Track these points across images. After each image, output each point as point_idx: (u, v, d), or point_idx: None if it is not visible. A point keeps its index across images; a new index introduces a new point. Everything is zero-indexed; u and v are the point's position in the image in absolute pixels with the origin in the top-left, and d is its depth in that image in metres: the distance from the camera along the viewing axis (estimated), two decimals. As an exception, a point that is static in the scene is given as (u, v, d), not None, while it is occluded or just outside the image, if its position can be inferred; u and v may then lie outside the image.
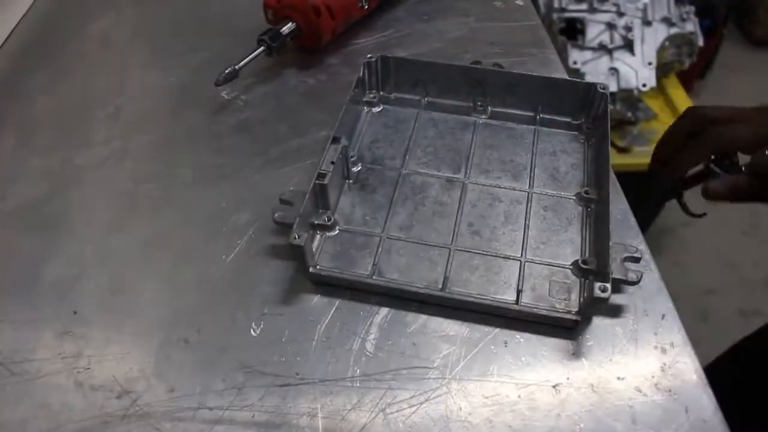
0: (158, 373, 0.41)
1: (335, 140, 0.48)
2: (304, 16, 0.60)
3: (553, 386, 0.40)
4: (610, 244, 0.42)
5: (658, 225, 1.57)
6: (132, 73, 0.64)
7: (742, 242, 1.64)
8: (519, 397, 0.39)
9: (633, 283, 0.42)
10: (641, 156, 1.35)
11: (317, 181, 0.45)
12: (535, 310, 0.42)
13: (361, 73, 0.55)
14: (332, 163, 0.46)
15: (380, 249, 0.46)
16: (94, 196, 0.52)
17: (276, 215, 0.45)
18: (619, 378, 0.40)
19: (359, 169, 0.52)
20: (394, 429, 0.38)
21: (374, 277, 0.44)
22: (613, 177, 0.49)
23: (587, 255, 0.46)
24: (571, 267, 0.45)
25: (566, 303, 0.43)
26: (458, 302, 0.43)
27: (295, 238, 0.42)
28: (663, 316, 0.43)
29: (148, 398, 0.39)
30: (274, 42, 0.59)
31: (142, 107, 0.60)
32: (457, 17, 0.69)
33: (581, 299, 0.43)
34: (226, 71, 0.57)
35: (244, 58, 0.58)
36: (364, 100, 0.57)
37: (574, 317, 0.42)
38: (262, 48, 0.59)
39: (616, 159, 1.29)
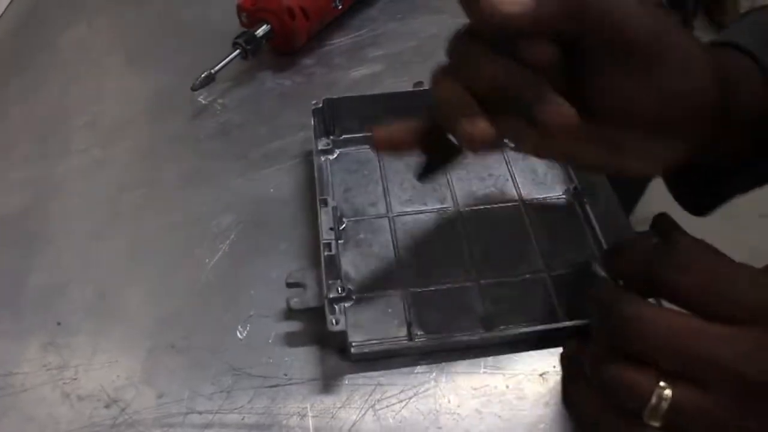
0: (146, 380, 0.40)
1: (323, 203, 0.45)
2: (278, 18, 0.60)
3: (540, 375, 0.40)
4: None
5: (637, 214, 1.59)
6: (108, 80, 0.64)
7: (720, 227, 1.66)
8: (507, 387, 0.40)
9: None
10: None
11: (326, 253, 0.42)
12: (587, 320, 0.40)
13: (313, 122, 0.52)
14: (331, 228, 0.44)
15: (407, 306, 0.43)
16: (76, 205, 0.51)
17: (292, 302, 0.41)
18: (604, 364, 0.41)
19: (344, 225, 0.48)
20: (384, 424, 0.38)
21: (416, 340, 0.41)
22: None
23: (605, 249, 0.46)
24: (593, 266, 0.45)
25: None
26: (512, 337, 0.41)
27: (334, 323, 0.39)
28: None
29: (136, 406, 0.39)
30: (249, 45, 0.59)
31: (120, 114, 0.60)
32: (431, 15, 0.69)
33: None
34: (202, 75, 0.57)
35: (219, 62, 0.58)
36: (319, 149, 0.52)
37: None
38: (237, 51, 0.59)
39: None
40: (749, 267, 0.32)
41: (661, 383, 0.30)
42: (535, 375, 0.40)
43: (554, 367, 0.40)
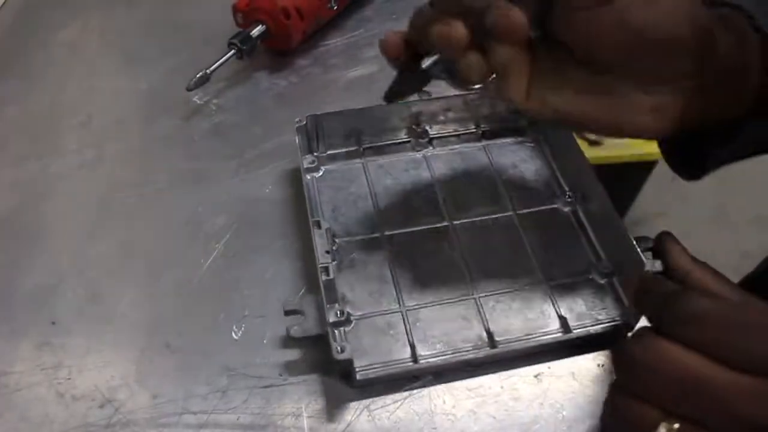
0: (141, 380, 0.40)
1: (317, 224, 0.44)
2: (273, 18, 0.60)
3: (535, 376, 0.40)
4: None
5: (631, 216, 1.59)
6: (102, 80, 0.63)
7: (711, 230, 1.67)
8: (501, 388, 0.40)
9: (663, 273, 0.41)
10: (613, 148, 1.36)
11: (324, 277, 0.41)
12: (590, 330, 0.41)
13: (297, 140, 0.50)
14: (327, 252, 0.42)
15: (407, 326, 0.42)
16: (69, 205, 0.51)
17: (292, 330, 0.40)
18: (599, 365, 0.41)
19: (337, 245, 0.47)
20: (379, 425, 0.38)
21: (421, 360, 0.40)
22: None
23: (602, 257, 0.46)
24: (592, 273, 0.45)
25: (606, 312, 0.43)
26: (516, 352, 0.41)
27: (339, 351, 0.37)
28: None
29: (131, 406, 0.39)
30: (245, 45, 0.59)
31: (114, 114, 0.59)
32: (426, 16, 0.69)
33: (615, 302, 0.43)
34: (198, 75, 0.57)
35: (215, 62, 0.58)
36: (304, 167, 0.51)
37: (630, 322, 0.41)
38: (232, 51, 0.59)
39: (588, 152, 1.29)
40: (759, 308, 0.32)
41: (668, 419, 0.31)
42: (530, 376, 0.40)
43: (549, 367, 0.41)
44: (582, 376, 0.40)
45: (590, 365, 0.41)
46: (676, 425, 0.30)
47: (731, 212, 1.72)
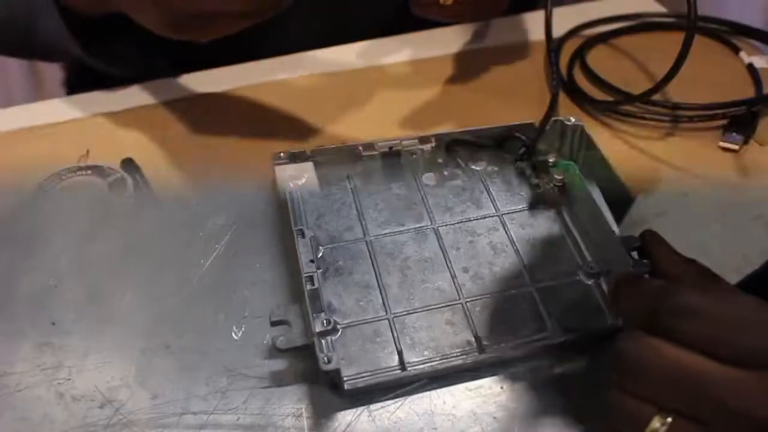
0: (140, 381, 0.40)
1: (300, 233, 0.44)
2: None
3: (535, 376, 0.40)
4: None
5: (631, 216, 1.59)
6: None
7: (712, 231, 1.66)
8: (502, 388, 0.40)
9: (652, 273, 0.41)
10: (612, 148, 1.36)
11: (309, 287, 0.41)
12: (578, 332, 0.41)
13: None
14: (311, 261, 0.42)
15: (395, 333, 0.42)
16: (68, 205, 0.51)
17: (278, 341, 0.39)
18: (599, 365, 0.41)
19: (321, 253, 0.46)
20: (380, 425, 0.38)
21: (408, 368, 0.40)
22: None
23: (588, 257, 0.46)
24: (578, 275, 0.45)
25: (594, 313, 0.43)
26: (504, 357, 0.41)
27: (326, 362, 0.37)
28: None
29: (131, 406, 0.39)
30: (245, 45, 0.59)
31: (114, 115, 0.60)
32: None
33: (603, 303, 0.43)
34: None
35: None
36: (287, 175, 0.50)
37: (617, 323, 0.41)
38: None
39: (587, 152, 1.29)
40: (754, 305, 0.32)
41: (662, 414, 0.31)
42: (530, 376, 0.40)
43: (549, 368, 0.41)
44: (582, 375, 0.40)
45: (591, 365, 0.41)
46: (670, 419, 0.30)
47: (732, 212, 1.72)
